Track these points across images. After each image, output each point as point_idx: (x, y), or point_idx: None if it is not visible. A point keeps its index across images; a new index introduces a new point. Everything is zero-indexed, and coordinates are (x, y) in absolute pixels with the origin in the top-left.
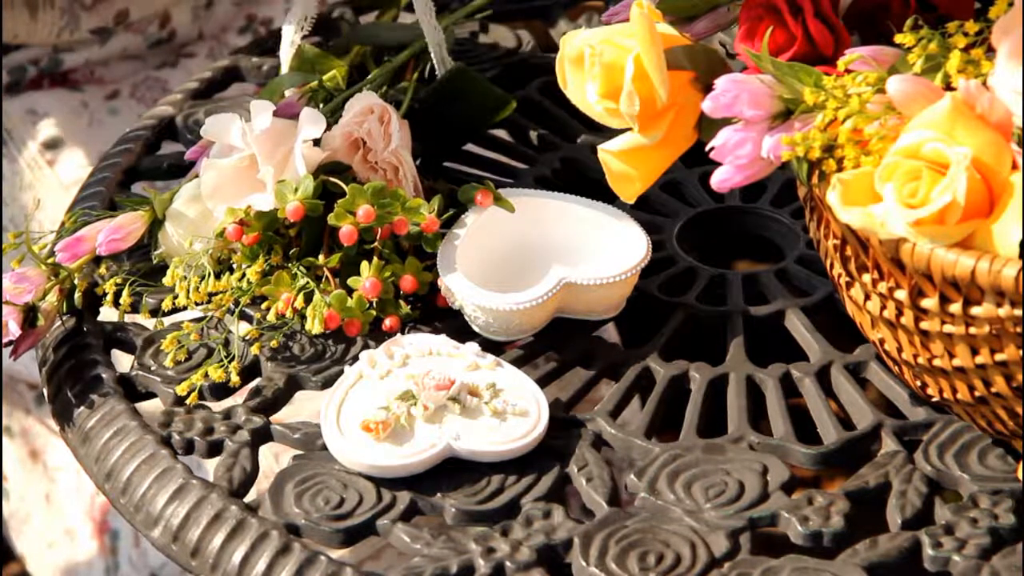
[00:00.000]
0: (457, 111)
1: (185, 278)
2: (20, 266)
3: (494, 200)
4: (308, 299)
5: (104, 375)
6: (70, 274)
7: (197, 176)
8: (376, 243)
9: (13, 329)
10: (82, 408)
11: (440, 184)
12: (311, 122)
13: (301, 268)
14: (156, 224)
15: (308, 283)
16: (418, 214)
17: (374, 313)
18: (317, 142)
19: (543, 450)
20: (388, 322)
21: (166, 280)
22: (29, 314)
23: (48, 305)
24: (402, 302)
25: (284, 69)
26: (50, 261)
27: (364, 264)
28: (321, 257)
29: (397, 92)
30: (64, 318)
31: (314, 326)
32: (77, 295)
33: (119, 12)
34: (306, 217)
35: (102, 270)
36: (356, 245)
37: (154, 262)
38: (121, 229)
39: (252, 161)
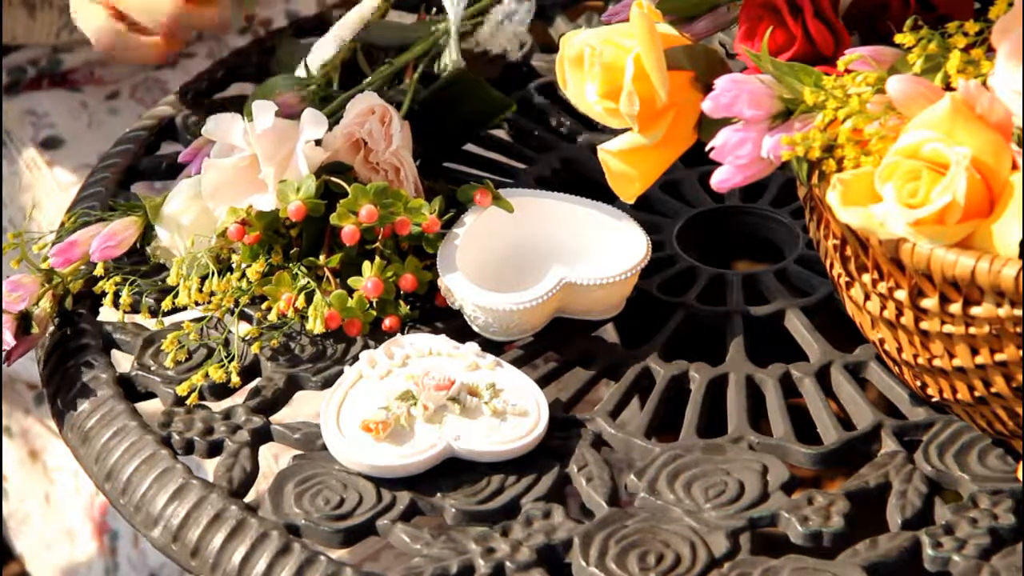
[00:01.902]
0: (457, 114)
1: (188, 276)
2: (16, 271)
3: (493, 200)
4: (309, 299)
5: (104, 375)
6: (63, 279)
7: (189, 178)
8: (378, 243)
9: (8, 339)
10: (82, 408)
11: (440, 185)
12: (313, 123)
13: (302, 268)
14: (150, 227)
15: (309, 283)
16: (420, 214)
17: (374, 313)
18: (318, 142)
19: (543, 450)
20: (388, 322)
21: (170, 280)
22: (22, 322)
23: (41, 311)
24: (402, 302)
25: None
26: (45, 265)
27: (366, 264)
28: (322, 257)
29: (397, 93)
30: (56, 321)
31: (315, 326)
32: (67, 301)
33: None
34: (307, 217)
35: (99, 270)
36: (357, 245)
37: (151, 261)
38: (115, 236)
39: (253, 161)
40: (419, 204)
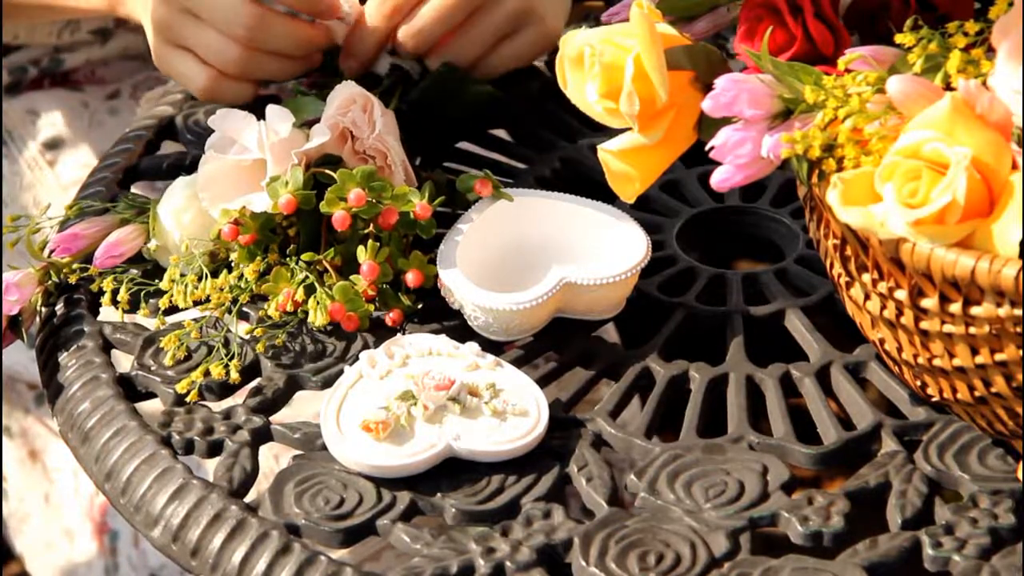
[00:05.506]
0: (446, 109)
1: (183, 275)
2: (16, 269)
3: (493, 189)
4: (309, 293)
5: (104, 375)
6: (60, 270)
7: (185, 176)
8: (370, 228)
9: None
10: (82, 408)
11: (438, 174)
12: (319, 135)
13: (301, 263)
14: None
15: (308, 276)
16: (407, 201)
17: (372, 308)
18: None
19: (543, 450)
20: (392, 315)
21: (163, 285)
22: (13, 325)
23: (29, 304)
24: (402, 295)
25: None
26: (48, 256)
27: (360, 249)
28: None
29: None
30: (56, 320)
31: (316, 318)
32: (54, 298)
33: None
34: (303, 213)
35: (94, 269)
36: (355, 240)
37: (147, 256)
38: (120, 245)
39: (255, 164)
40: (404, 191)
